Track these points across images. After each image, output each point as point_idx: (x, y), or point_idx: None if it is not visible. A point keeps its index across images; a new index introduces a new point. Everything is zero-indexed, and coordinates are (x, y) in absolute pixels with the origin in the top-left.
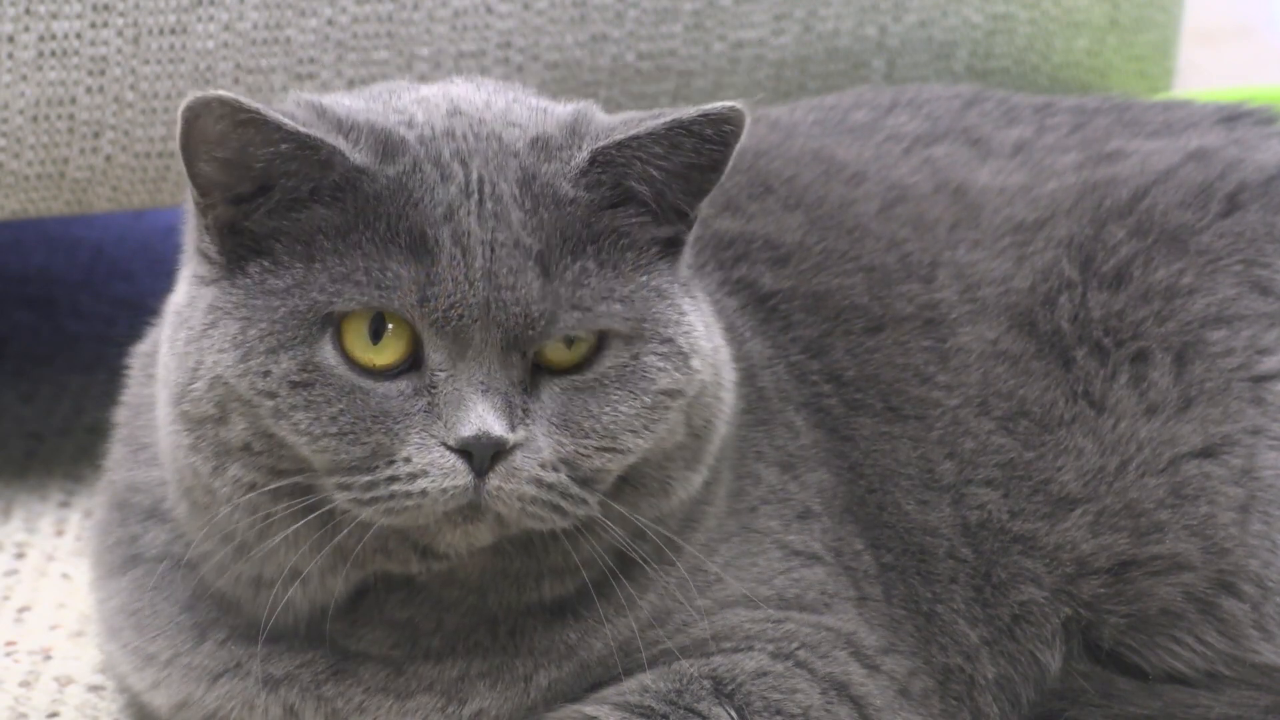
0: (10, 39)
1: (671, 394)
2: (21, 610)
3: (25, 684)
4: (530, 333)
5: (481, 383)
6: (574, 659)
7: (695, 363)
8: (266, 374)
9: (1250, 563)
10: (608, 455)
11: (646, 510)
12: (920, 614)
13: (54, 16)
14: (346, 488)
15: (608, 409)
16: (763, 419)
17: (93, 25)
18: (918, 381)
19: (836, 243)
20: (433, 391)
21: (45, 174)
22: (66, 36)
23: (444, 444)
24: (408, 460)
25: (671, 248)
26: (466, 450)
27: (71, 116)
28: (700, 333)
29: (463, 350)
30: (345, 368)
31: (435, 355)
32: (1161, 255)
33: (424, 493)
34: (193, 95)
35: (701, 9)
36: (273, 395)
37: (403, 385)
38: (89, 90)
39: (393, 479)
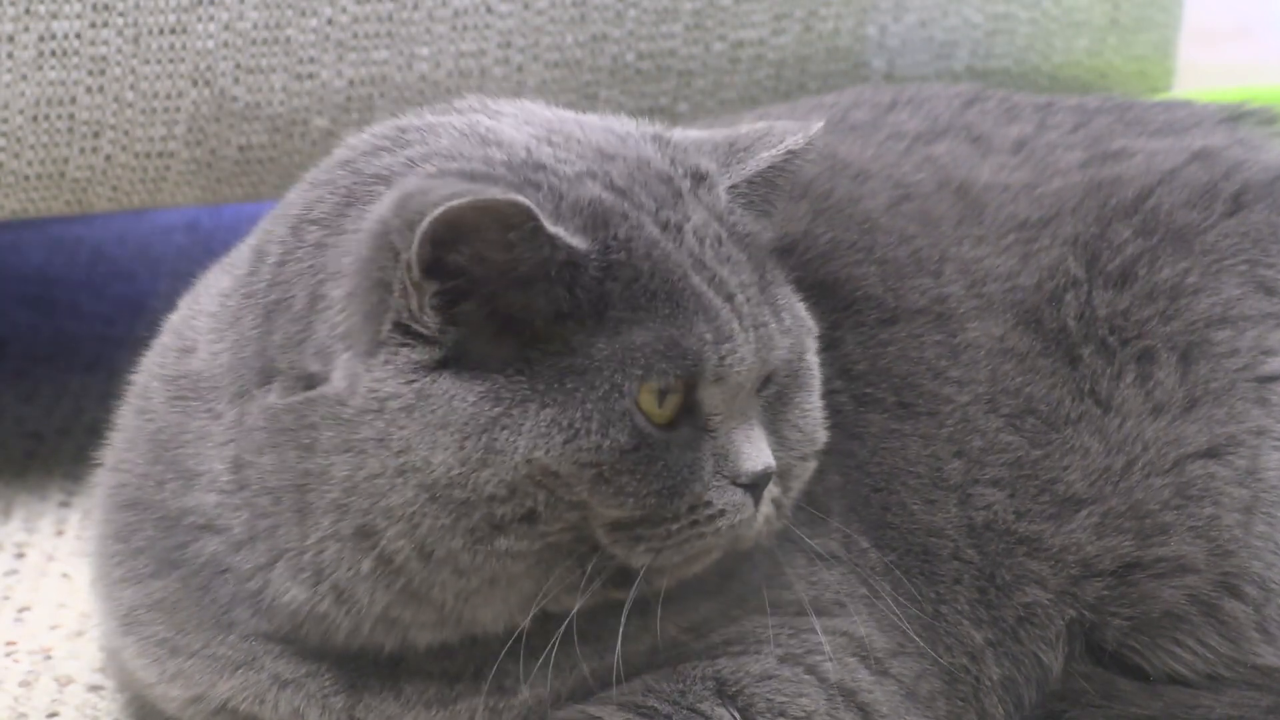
0: (10, 39)
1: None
2: (21, 610)
3: (25, 684)
4: (770, 367)
5: (749, 420)
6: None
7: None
8: (597, 449)
9: (1253, 564)
10: (810, 462)
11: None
12: (924, 615)
13: (54, 16)
14: (643, 539)
15: (796, 411)
16: None
17: (93, 25)
18: (930, 376)
19: (846, 234)
20: (714, 436)
21: (45, 174)
22: (66, 36)
23: (734, 483)
24: (708, 504)
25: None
26: (752, 484)
27: (71, 116)
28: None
29: (735, 394)
30: (651, 428)
31: (710, 402)
32: (1167, 254)
33: (718, 531)
34: (482, 196)
35: (701, 9)
36: (597, 465)
37: (684, 433)
38: (89, 90)
39: (695, 522)
